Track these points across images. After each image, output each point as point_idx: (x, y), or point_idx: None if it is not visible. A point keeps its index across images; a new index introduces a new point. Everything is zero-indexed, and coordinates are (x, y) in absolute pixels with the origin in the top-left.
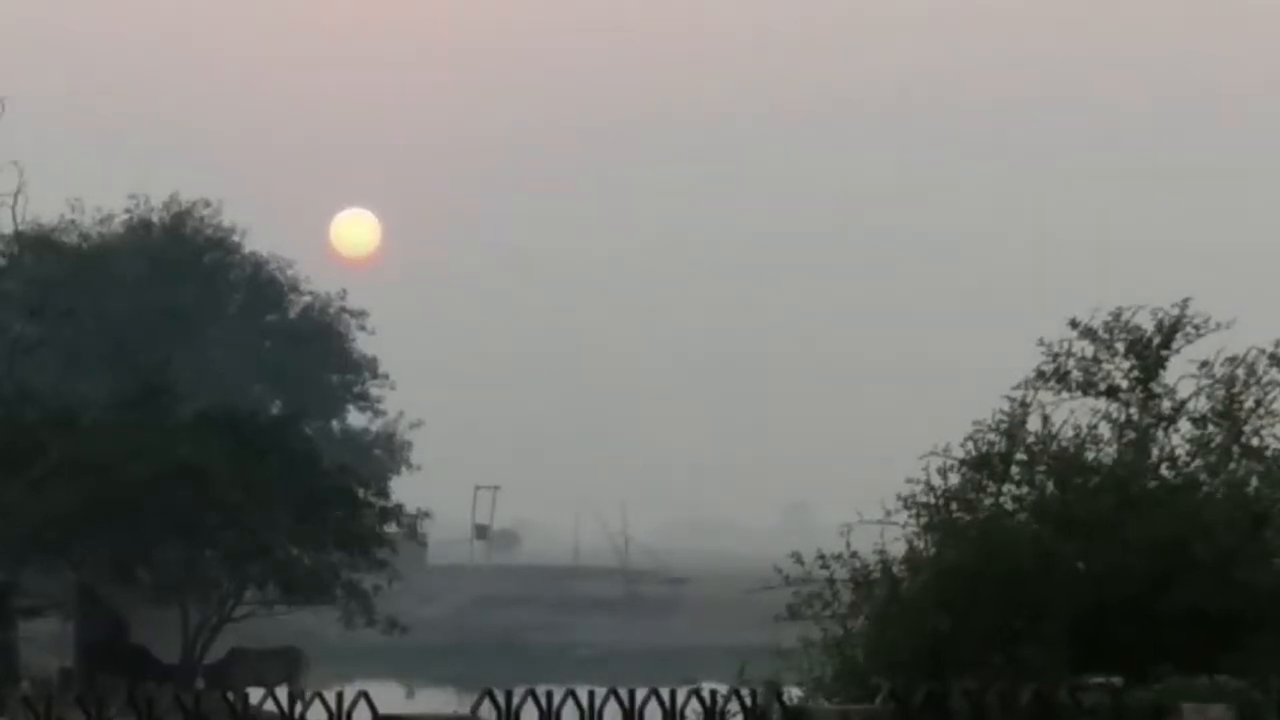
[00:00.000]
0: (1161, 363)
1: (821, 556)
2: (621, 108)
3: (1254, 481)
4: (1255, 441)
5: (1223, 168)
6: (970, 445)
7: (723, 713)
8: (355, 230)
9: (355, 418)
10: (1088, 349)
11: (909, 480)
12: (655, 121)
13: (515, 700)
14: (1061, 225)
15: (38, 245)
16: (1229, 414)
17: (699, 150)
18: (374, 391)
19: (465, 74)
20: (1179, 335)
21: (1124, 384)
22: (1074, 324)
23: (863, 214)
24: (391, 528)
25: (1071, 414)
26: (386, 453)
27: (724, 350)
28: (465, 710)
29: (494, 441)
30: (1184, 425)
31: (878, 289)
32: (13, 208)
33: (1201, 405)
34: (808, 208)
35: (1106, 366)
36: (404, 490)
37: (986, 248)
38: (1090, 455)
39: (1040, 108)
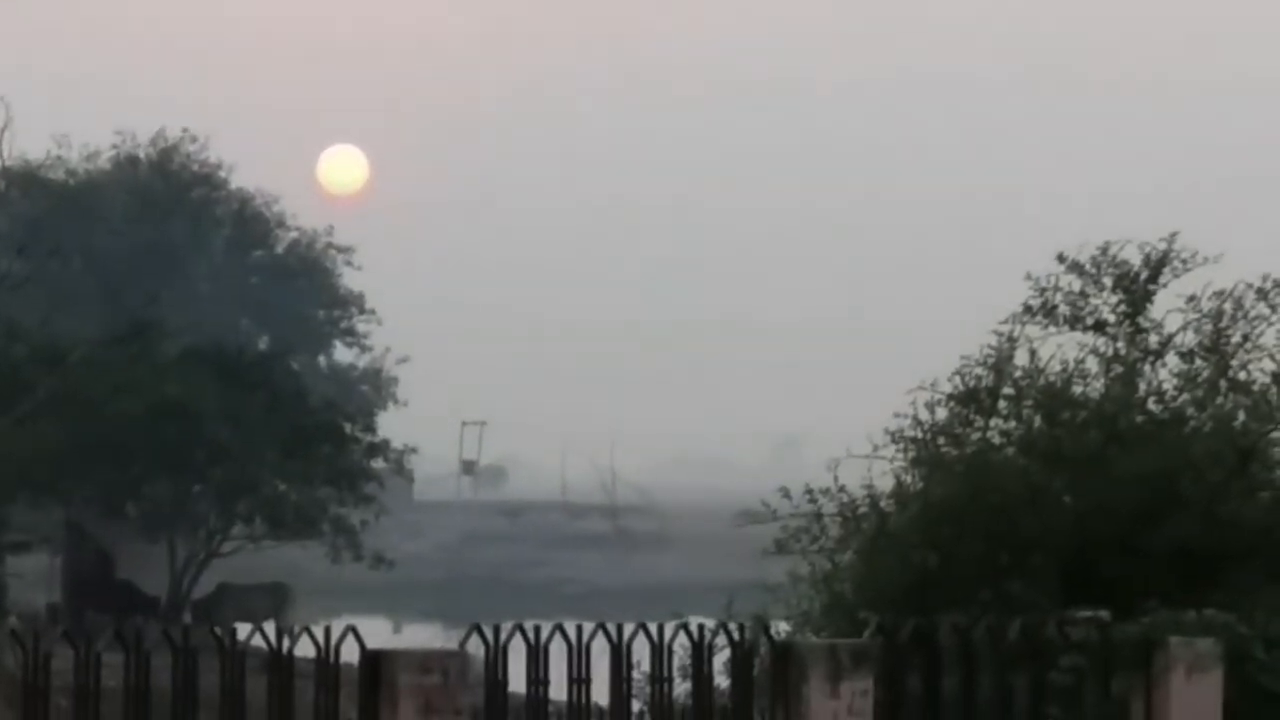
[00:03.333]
0: (1149, 297)
1: (809, 491)
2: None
3: (1241, 416)
4: (1242, 376)
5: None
6: (957, 380)
7: (710, 647)
8: (343, 166)
9: (342, 353)
10: (1075, 284)
11: (896, 415)
12: (632, 63)
13: (503, 635)
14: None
15: (24, 181)
16: (1216, 348)
17: (697, 97)
18: (361, 327)
19: (456, 14)
20: (1166, 269)
21: (1111, 318)
22: (1061, 259)
23: (865, 164)
24: (378, 463)
25: (1059, 349)
26: (373, 388)
27: (714, 286)
28: (453, 645)
29: (481, 377)
30: (1171, 359)
31: (873, 231)
32: (0, 142)
33: (1189, 340)
34: (802, 157)
35: (1094, 301)
36: (391, 426)
37: (977, 197)
38: (1077, 390)
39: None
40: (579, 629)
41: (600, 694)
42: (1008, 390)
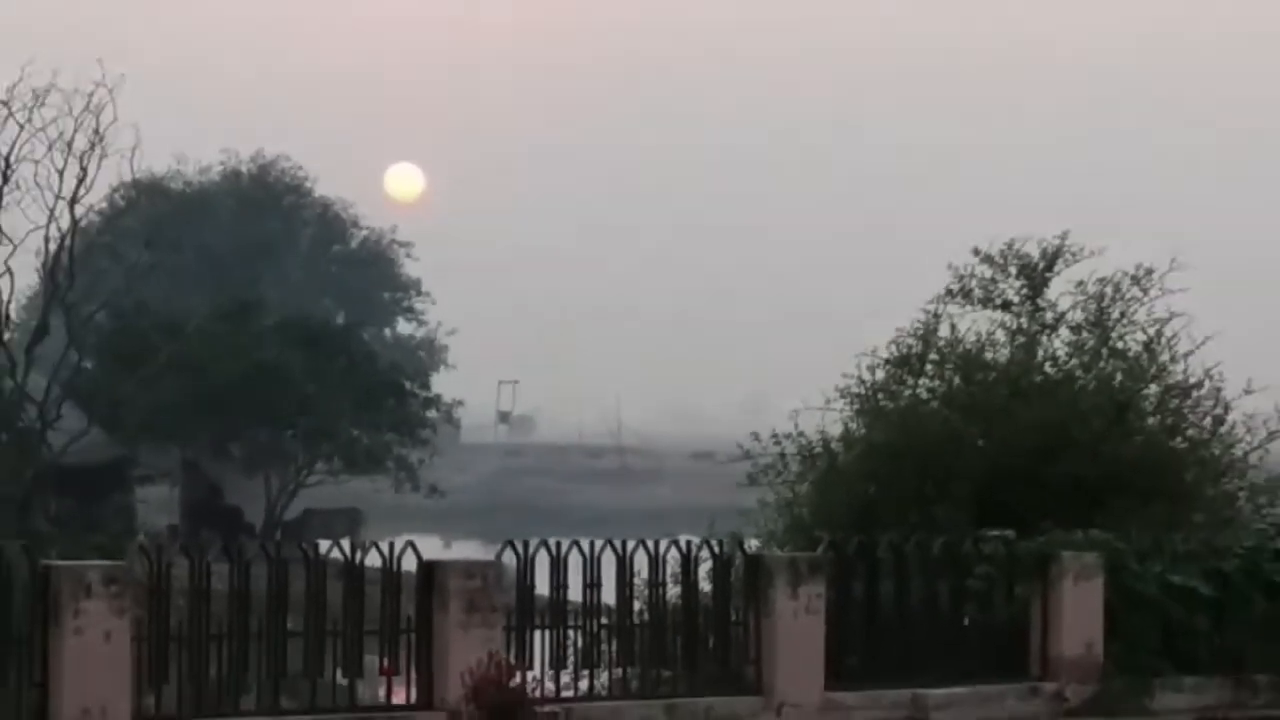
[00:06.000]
0: (1045, 282)
1: (775, 435)
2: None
3: (1118, 377)
4: (1120, 345)
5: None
6: (893, 348)
7: (696, 559)
8: (404, 179)
9: (403, 326)
10: (987, 272)
11: (844, 375)
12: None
13: (530, 549)
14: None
15: (150, 191)
16: (1099, 323)
17: (715, 98)
18: (418, 306)
19: (492, 52)
20: (1059, 260)
21: (1015, 299)
22: (976, 251)
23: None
24: (432, 413)
25: (974, 323)
26: (428, 354)
27: (699, 278)
28: (490, 557)
29: (515, 345)
30: (1063, 332)
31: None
32: (131, 161)
33: (1077, 316)
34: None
35: (1001, 285)
36: (442, 384)
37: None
38: (988, 355)
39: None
40: (591, 544)
41: (608, 596)
42: (933, 356)
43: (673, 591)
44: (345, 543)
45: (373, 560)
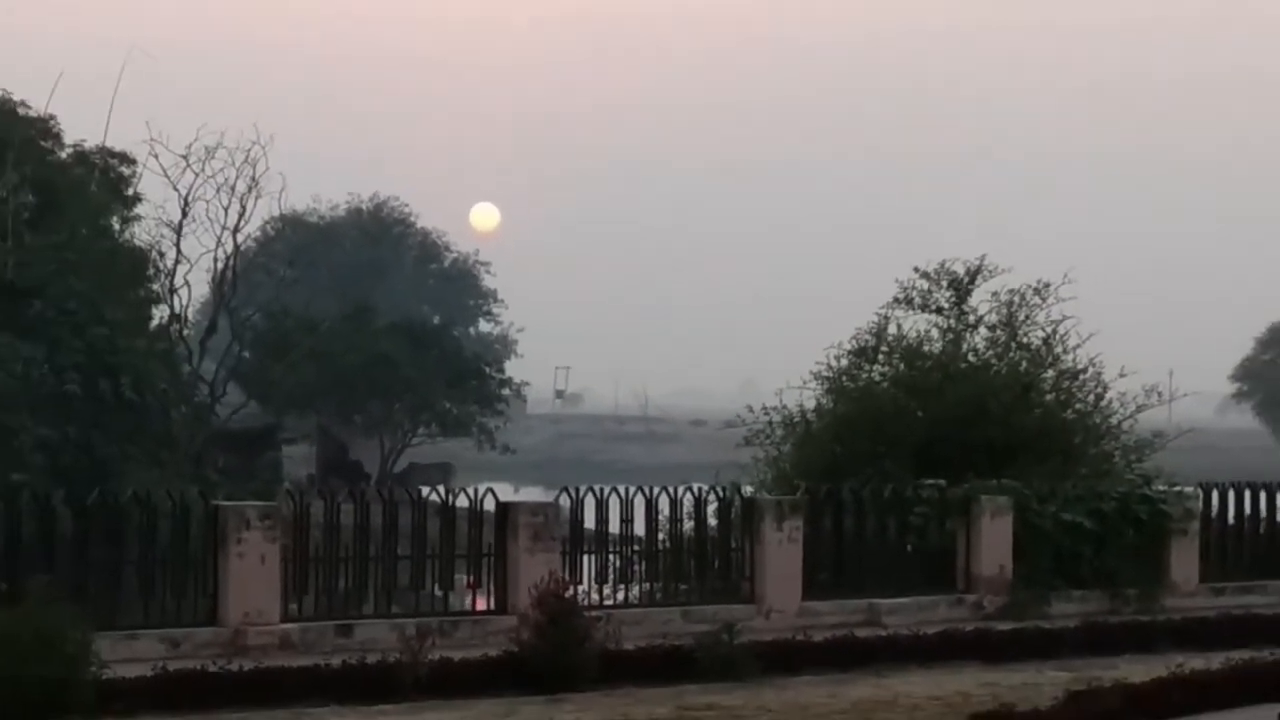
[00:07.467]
0: (969, 293)
1: (765, 409)
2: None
3: (1023, 364)
4: (1024, 340)
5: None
6: (853, 342)
7: (705, 501)
8: (485, 215)
9: (483, 325)
10: (924, 284)
11: (817, 363)
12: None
13: (580, 494)
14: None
15: (293, 223)
16: (1009, 323)
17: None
18: (494, 310)
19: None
20: (979, 276)
21: (945, 305)
22: (916, 269)
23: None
24: (505, 391)
25: (914, 324)
26: (502, 346)
27: (707, 273)
28: (550, 500)
29: (568, 339)
30: (982, 330)
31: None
32: (279, 200)
33: (992, 318)
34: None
35: (936, 295)
36: (512, 369)
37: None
38: (925, 348)
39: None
40: (626, 490)
41: (639, 529)
42: (884, 349)
43: (688, 526)
44: (440, 489)
45: (461, 502)
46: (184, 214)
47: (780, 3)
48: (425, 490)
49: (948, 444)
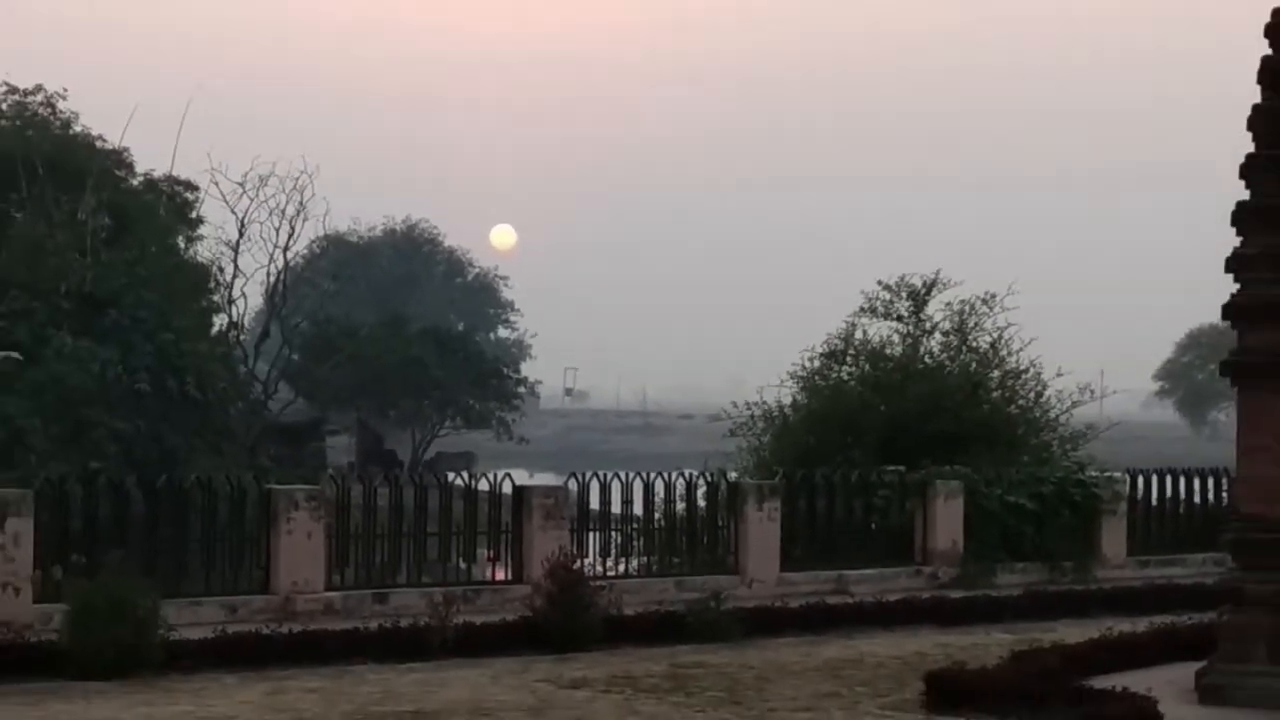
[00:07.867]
0: (925, 302)
1: (748, 404)
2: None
3: (973, 365)
4: (974, 343)
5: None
6: (825, 345)
7: (695, 485)
8: (503, 235)
9: (502, 332)
10: (886, 295)
11: (793, 364)
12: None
13: (586, 479)
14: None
15: (336, 242)
16: (960, 329)
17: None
18: (512, 318)
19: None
20: (934, 288)
21: (905, 314)
22: (880, 283)
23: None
24: (521, 389)
25: (878, 330)
26: (518, 350)
27: (701, 282)
28: (560, 484)
29: (575, 344)
30: (937, 335)
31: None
32: (323, 222)
33: (946, 325)
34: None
35: (896, 304)
36: (527, 369)
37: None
38: (888, 351)
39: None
40: (627, 475)
41: (638, 509)
42: (851, 351)
43: (680, 507)
44: (464, 475)
45: (482, 486)
46: (241, 234)
47: (777, 33)
48: (451, 476)
49: (907, 435)
